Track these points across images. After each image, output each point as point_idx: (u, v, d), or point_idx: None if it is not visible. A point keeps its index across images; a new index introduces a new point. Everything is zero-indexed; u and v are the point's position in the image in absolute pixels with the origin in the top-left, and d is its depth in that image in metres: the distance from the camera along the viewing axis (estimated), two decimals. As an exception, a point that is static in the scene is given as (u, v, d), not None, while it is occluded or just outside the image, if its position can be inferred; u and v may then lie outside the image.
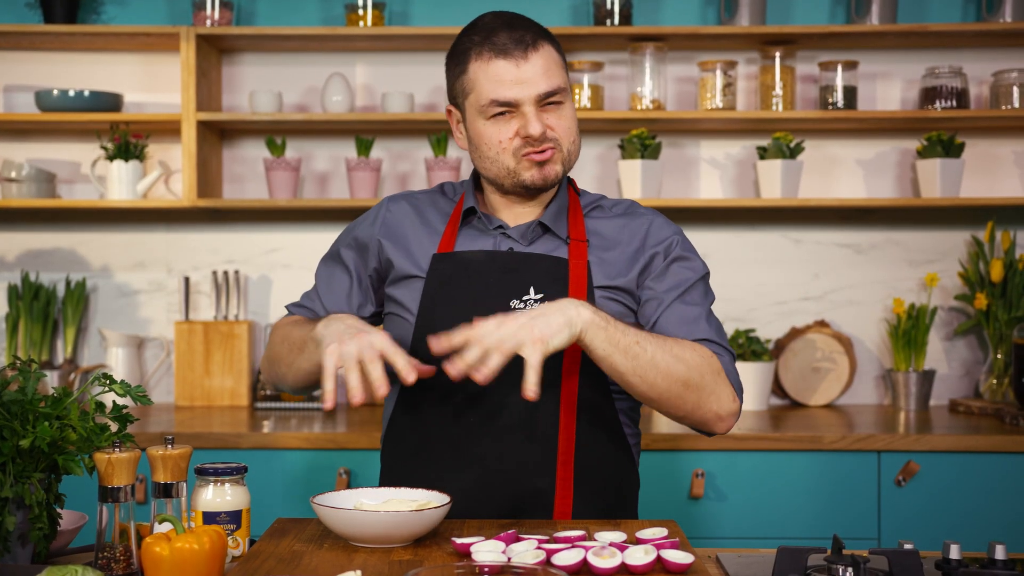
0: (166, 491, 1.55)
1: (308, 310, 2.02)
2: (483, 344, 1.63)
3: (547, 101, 1.84)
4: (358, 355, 1.67)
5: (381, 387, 1.66)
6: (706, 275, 1.92)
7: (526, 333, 1.63)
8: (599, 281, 1.88)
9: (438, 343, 1.67)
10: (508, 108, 1.83)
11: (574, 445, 1.84)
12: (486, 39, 1.83)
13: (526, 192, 1.91)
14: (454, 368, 1.64)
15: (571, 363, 1.83)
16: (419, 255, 1.93)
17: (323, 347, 1.71)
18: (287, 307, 2.07)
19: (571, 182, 2.00)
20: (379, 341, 1.69)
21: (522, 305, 1.86)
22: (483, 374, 1.63)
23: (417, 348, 1.86)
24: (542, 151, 1.85)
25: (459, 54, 1.88)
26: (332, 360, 1.68)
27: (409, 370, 1.68)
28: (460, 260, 1.90)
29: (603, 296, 1.88)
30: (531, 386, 1.63)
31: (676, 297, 1.87)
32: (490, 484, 1.82)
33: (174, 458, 1.54)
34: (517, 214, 1.94)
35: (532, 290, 1.86)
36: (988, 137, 3.55)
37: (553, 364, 1.78)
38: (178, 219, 3.60)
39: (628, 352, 1.70)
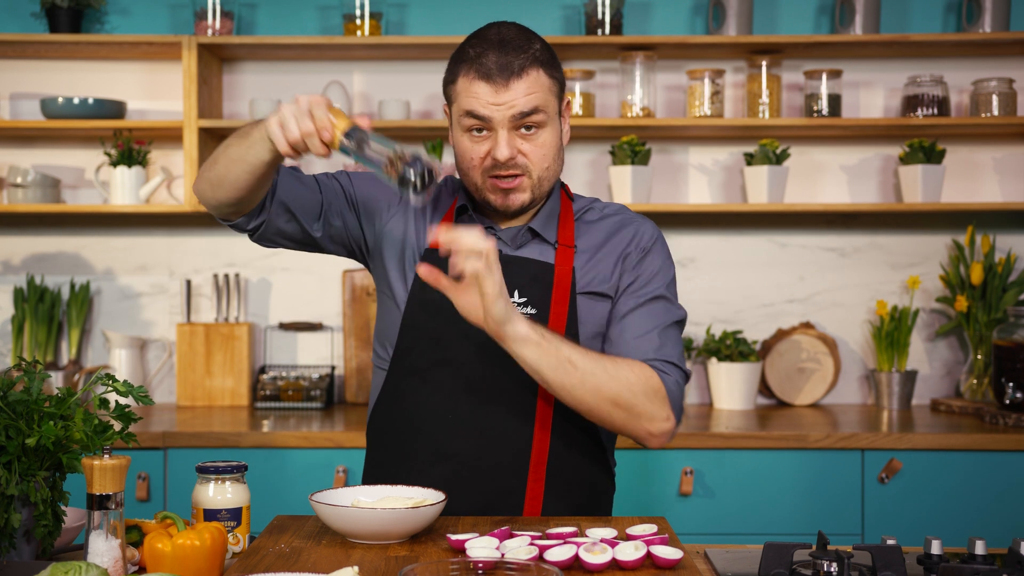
0: (101, 503, 1.40)
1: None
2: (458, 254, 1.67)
3: (523, 124, 1.84)
4: (301, 106, 1.65)
5: (325, 130, 1.64)
6: (671, 282, 1.92)
7: (484, 296, 1.68)
8: (583, 287, 1.90)
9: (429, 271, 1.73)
10: (482, 125, 1.84)
11: (548, 447, 1.86)
12: (476, 58, 1.84)
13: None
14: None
15: None
16: (414, 247, 1.95)
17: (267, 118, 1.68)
18: None
19: (564, 187, 2.00)
20: (320, 97, 1.67)
21: None
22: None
23: (403, 337, 1.91)
24: (509, 177, 1.86)
25: (454, 63, 1.89)
26: (277, 121, 1.65)
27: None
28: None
29: (587, 301, 1.90)
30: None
31: (638, 306, 1.87)
32: (464, 480, 1.85)
33: (111, 468, 1.40)
34: (506, 217, 1.95)
35: (516, 294, 1.88)
36: (968, 144, 3.59)
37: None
38: (180, 223, 3.63)
39: (559, 368, 1.73)
